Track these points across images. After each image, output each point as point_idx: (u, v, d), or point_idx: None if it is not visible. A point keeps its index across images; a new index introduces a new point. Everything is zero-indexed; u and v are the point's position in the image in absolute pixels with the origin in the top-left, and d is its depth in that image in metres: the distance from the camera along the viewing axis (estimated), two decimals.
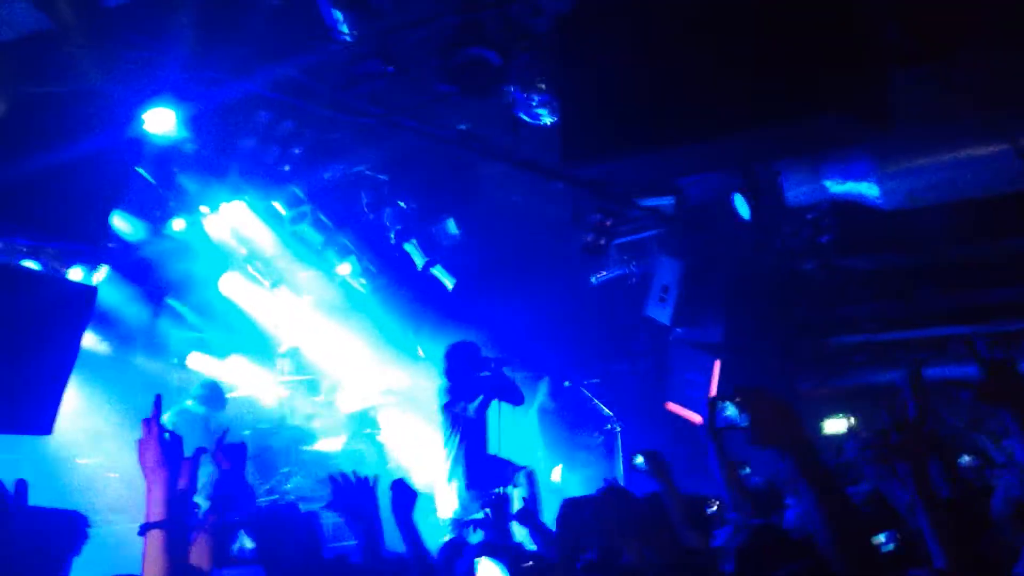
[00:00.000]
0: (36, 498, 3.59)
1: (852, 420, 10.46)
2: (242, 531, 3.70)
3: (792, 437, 2.80)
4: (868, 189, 8.47)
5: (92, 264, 9.07)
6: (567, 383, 12.21)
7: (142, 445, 3.36)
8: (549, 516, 5.84)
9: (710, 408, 3.33)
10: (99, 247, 6.90)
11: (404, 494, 4.41)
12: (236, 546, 3.70)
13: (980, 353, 2.94)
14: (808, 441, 2.81)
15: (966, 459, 6.81)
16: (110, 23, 5.13)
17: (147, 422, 3.40)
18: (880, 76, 5.87)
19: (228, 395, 11.09)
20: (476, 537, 5.58)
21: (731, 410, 3.13)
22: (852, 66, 5.59)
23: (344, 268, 11.74)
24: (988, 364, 2.92)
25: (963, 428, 8.19)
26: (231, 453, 4.21)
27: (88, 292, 7.32)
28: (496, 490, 8.33)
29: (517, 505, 8.44)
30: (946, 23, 6.39)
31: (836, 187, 8.74)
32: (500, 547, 4.29)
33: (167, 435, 3.36)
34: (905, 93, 5.96)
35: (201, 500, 3.84)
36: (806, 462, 2.76)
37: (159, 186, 9.11)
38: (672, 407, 11.18)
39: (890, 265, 10.47)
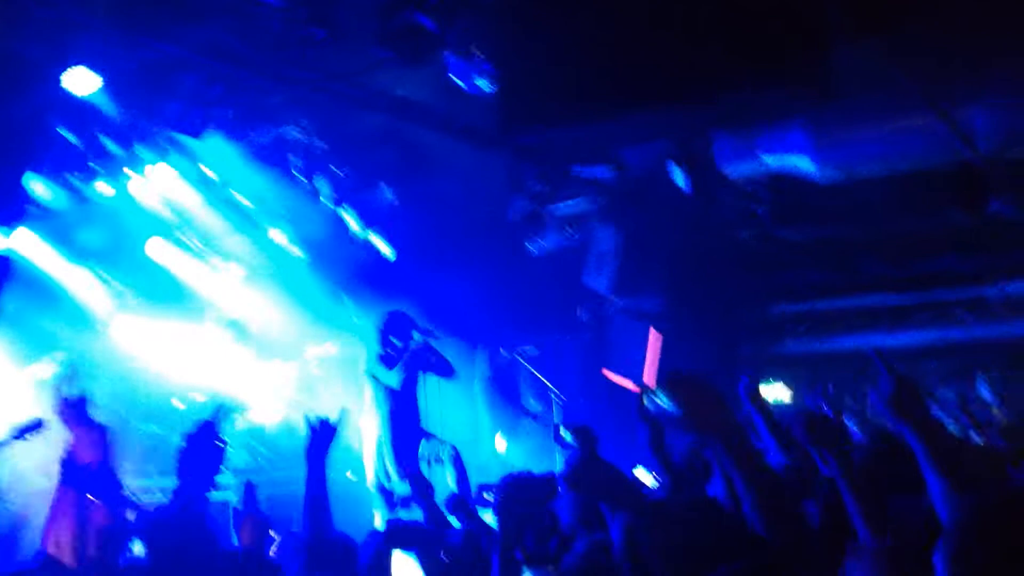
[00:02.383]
0: None
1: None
2: (136, 539, 3.56)
3: (722, 425, 2.86)
4: (804, 162, 8.50)
5: (9, 227, 8.77)
6: (506, 353, 12.15)
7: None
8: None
9: (641, 397, 3.33)
10: (16, 209, 6.65)
11: (322, 433, 4.29)
12: (128, 553, 3.56)
13: (891, 366, 2.99)
14: (738, 428, 2.89)
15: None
16: None
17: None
18: (818, 48, 5.86)
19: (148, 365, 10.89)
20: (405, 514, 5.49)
21: (662, 398, 3.13)
22: (789, 38, 5.57)
23: (277, 234, 11.53)
24: (897, 379, 2.97)
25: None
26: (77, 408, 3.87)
27: (5, 259, 7.07)
28: (422, 464, 8.28)
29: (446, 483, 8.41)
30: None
31: (773, 159, 8.75)
32: (413, 533, 4.18)
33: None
34: (841, 65, 5.96)
35: None
36: (735, 448, 2.83)
37: (83, 148, 8.84)
38: (609, 374, 11.19)
39: (827, 236, 10.57)
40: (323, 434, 4.32)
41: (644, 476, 4.83)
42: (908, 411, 2.88)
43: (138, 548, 3.51)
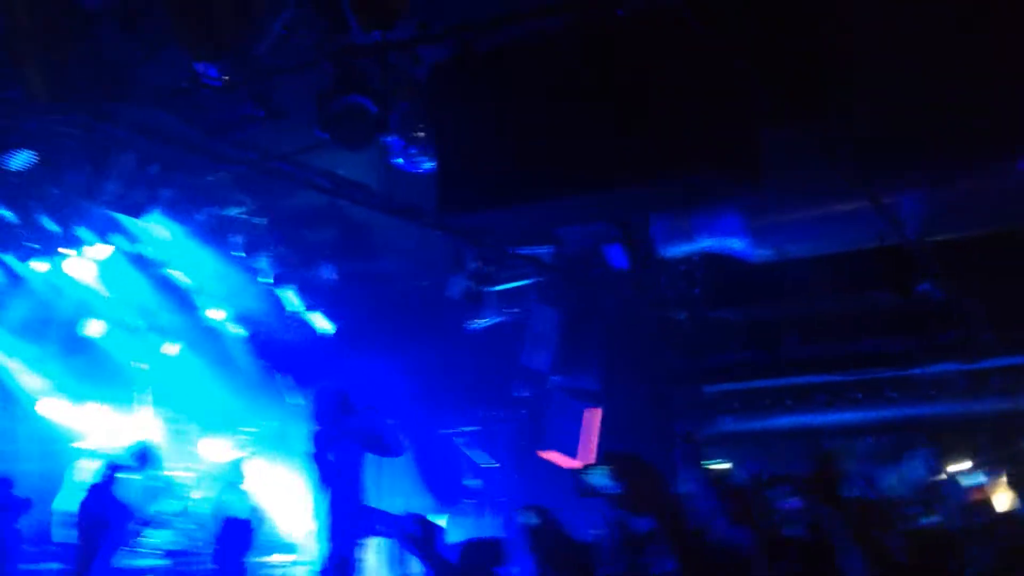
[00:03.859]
0: None
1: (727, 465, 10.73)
2: None
3: (659, 502, 2.89)
4: (737, 242, 8.70)
5: None
6: (444, 430, 12.12)
7: None
8: None
9: (580, 474, 3.38)
10: None
11: (238, 533, 4.24)
12: None
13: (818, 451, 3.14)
14: (674, 504, 2.98)
15: None
16: None
17: None
18: (749, 135, 6.04)
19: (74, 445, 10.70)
20: None
21: (601, 478, 3.18)
22: (721, 125, 5.74)
23: (216, 313, 11.46)
24: (820, 461, 3.10)
25: None
26: None
27: None
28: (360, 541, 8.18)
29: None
30: (811, 83, 6.62)
31: (707, 239, 8.94)
32: None
33: None
34: (774, 151, 6.13)
35: None
36: (671, 525, 2.95)
37: (20, 226, 8.77)
38: (546, 455, 11.18)
39: (758, 316, 10.75)
40: (237, 533, 4.29)
41: None
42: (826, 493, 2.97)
43: None
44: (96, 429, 11.16)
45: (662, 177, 5.91)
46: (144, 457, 9.85)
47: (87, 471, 9.35)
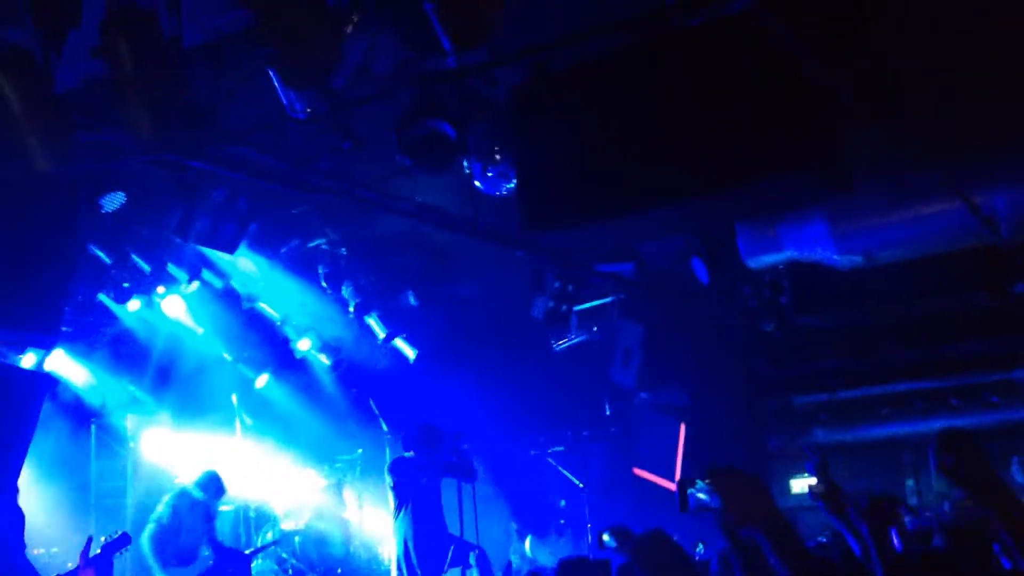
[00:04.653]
0: None
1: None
2: None
3: (765, 515, 2.83)
4: (824, 249, 8.54)
5: (46, 350, 8.91)
6: (533, 452, 12.11)
7: None
8: None
9: (680, 490, 3.32)
10: (52, 334, 6.75)
11: None
12: None
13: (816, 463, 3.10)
14: (781, 516, 2.90)
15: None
16: (59, 107, 5.07)
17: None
18: (835, 138, 5.95)
19: (177, 481, 10.87)
20: None
21: (703, 493, 3.14)
22: (807, 129, 5.65)
23: (304, 343, 11.64)
24: (821, 473, 3.06)
25: None
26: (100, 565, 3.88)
27: (44, 379, 7.17)
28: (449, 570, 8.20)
29: None
30: (896, 82, 6.50)
31: (793, 247, 8.80)
32: None
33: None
34: (860, 153, 6.03)
35: None
36: (778, 537, 2.84)
37: (113, 266, 9.01)
38: (640, 472, 11.10)
39: (849, 323, 10.54)
40: None
41: None
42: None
43: None
44: (194, 461, 11.37)
45: (744, 185, 5.84)
46: (211, 486, 9.90)
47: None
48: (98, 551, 6.06)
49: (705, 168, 5.78)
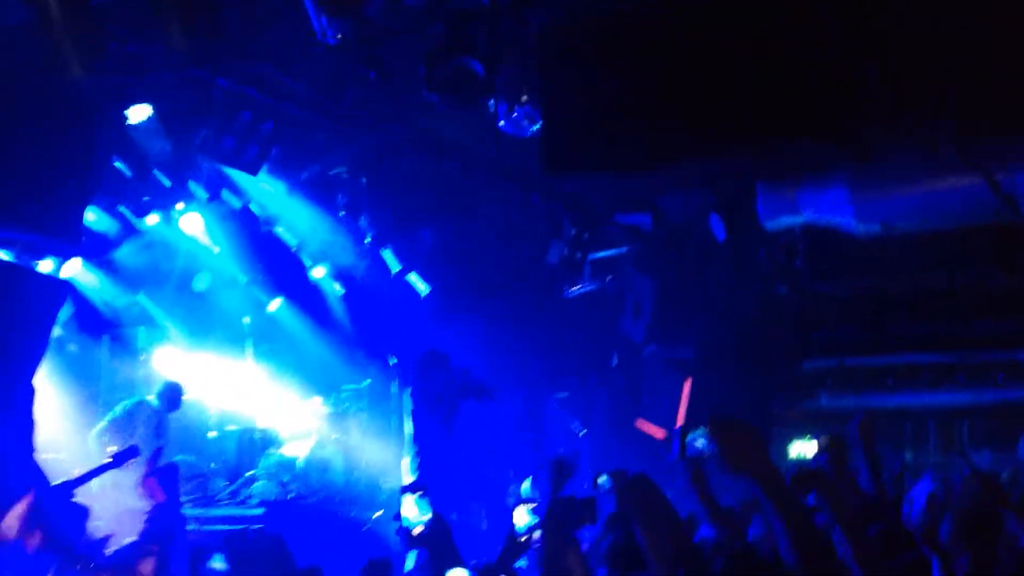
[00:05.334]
0: None
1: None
2: (217, 555, 3.65)
3: (759, 465, 2.93)
4: (843, 215, 8.53)
5: (62, 257, 8.99)
6: (537, 395, 12.20)
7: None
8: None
9: (680, 437, 3.40)
10: (72, 241, 6.83)
11: None
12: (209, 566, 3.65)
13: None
14: (774, 468, 2.96)
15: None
16: (95, 17, 5.10)
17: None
18: (859, 107, 5.94)
19: (186, 396, 11.04)
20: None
21: (700, 440, 3.22)
22: (830, 96, 5.65)
23: (319, 271, 11.71)
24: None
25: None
26: (165, 480, 4.01)
27: (61, 286, 7.26)
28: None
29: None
30: (923, 57, 6.46)
31: (811, 212, 8.79)
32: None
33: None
34: (884, 124, 6.01)
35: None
36: (772, 488, 2.91)
37: (135, 180, 9.06)
38: (642, 424, 11.19)
39: (862, 291, 10.54)
40: None
41: (521, 516, 4.75)
42: None
43: (218, 564, 3.61)
44: (203, 379, 11.52)
45: (769, 144, 5.86)
46: (167, 396, 9.97)
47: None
48: (109, 459, 6.16)
49: (731, 125, 5.79)
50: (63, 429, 9.88)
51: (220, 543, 3.72)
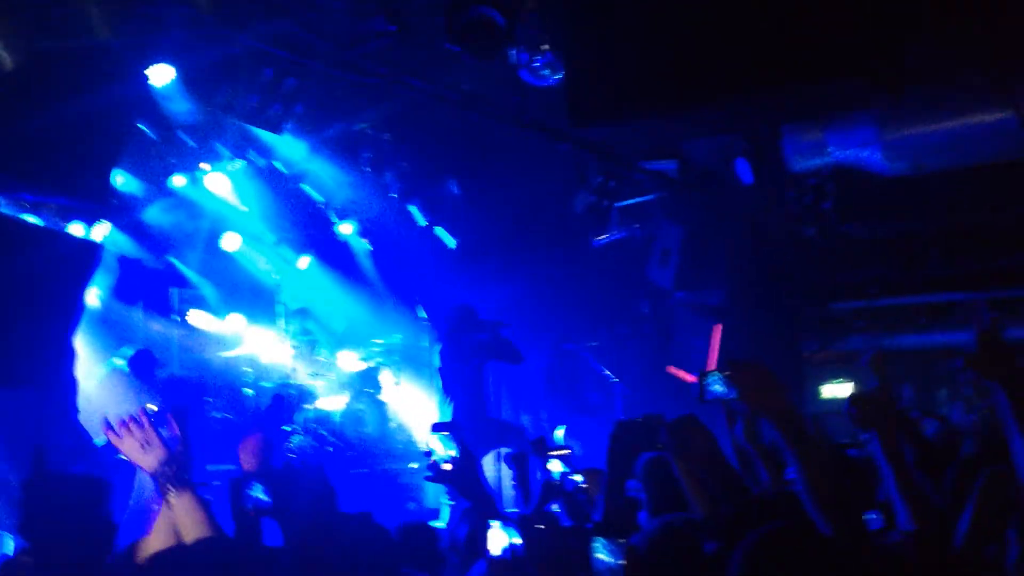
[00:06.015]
0: None
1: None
2: (256, 485, 3.69)
3: (778, 407, 2.96)
4: (871, 154, 8.45)
5: (91, 220, 9.06)
6: (568, 346, 12.23)
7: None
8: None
9: (700, 381, 3.42)
10: (101, 204, 6.88)
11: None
12: (252, 499, 3.69)
13: (981, 321, 3.07)
14: (793, 410, 2.99)
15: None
16: None
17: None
18: (890, 41, 5.84)
19: (221, 355, 11.15)
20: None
21: (719, 384, 3.25)
22: (863, 30, 5.56)
23: (346, 228, 11.76)
24: (982, 336, 3.03)
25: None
26: (179, 415, 4.02)
27: (93, 248, 7.32)
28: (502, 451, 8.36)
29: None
30: None
31: (840, 152, 8.71)
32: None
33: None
34: (912, 58, 5.92)
35: None
36: (791, 430, 2.93)
37: (160, 142, 9.10)
38: (673, 371, 11.20)
39: (892, 231, 10.45)
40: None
41: (555, 464, 4.74)
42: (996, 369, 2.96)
43: (259, 493, 3.66)
44: (236, 338, 11.63)
45: (798, 83, 5.79)
46: (141, 362, 9.97)
47: None
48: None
49: (758, 64, 5.73)
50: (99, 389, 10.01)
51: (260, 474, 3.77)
